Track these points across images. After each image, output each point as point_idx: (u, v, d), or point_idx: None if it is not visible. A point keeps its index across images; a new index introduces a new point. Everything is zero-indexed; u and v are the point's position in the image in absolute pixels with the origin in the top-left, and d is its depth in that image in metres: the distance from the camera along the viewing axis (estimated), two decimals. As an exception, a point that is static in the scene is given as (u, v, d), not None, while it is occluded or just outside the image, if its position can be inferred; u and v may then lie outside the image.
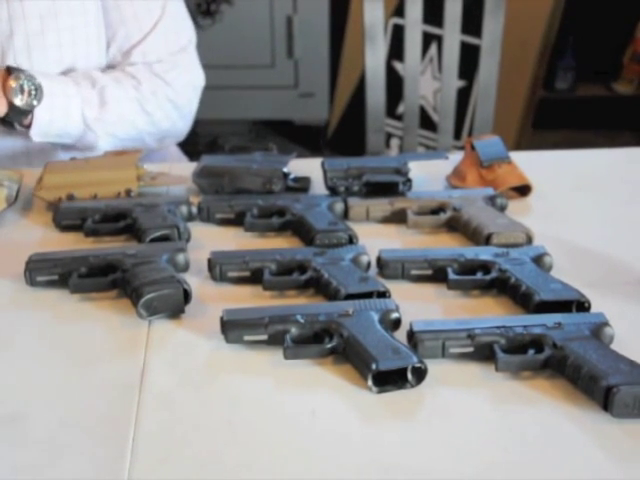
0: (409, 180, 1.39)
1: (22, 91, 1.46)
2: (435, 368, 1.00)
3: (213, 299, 1.16)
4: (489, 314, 1.12)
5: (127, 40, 1.65)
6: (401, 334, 1.06)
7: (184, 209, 1.35)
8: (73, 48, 1.59)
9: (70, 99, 1.54)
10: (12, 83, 1.45)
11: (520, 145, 3.25)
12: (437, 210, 1.34)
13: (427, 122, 3.02)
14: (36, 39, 1.54)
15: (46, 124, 1.53)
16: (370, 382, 0.98)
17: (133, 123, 1.65)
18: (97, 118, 1.59)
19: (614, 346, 1.02)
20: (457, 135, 2.88)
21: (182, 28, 1.73)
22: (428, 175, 1.47)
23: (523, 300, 1.13)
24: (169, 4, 1.70)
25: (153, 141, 1.71)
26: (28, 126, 1.52)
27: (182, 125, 1.74)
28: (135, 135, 1.67)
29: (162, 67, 1.67)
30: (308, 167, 1.48)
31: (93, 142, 1.62)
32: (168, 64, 1.68)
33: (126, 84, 1.62)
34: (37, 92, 1.48)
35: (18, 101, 1.46)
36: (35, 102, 1.48)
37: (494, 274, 1.17)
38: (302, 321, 1.06)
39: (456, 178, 1.46)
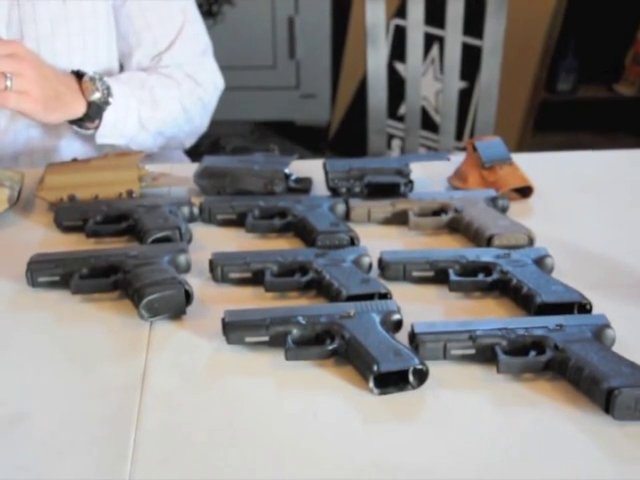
0: (410, 181, 1.39)
1: (97, 90, 1.48)
2: (436, 370, 1.00)
3: (214, 300, 1.16)
4: (490, 316, 1.13)
5: (154, 46, 1.67)
6: (402, 336, 1.06)
7: (186, 210, 1.35)
8: (82, 53, 1.60)
9: (128, 99, 1.56)
10: (89, 84, 1.48)
11: (522, 146, 3.26)
12: (438, 211, 1.34)
13: (429, 123, 3.03)
14: (46, 43, 1.54)
15: (112, 124, 1.54)
16: (371, 384, 0.98)
17: (176, 121, 1.68)
18: (151, 117, 1.61)
19: (615, 348, 1.02)
20: (459, 136, 2.88)
21: (201, 32, 1.76)
22: (429, 176, 1.47)
23: (524, 302, 1.13)
24: (188, 9, 1.73)
25: (186, 139, 1.76)
26: (96, 128, 1.54)
27: (206, 123, 1.79)
28: (176, 133, 1.71)
29: (192, 68, 1.70)
30: (310, 168, 1.48)
31: (144, 142, 1.64)
32: (197, 66, 1.72)
33: (168, 84, 1.64)
34: (108, 91, 1.50)
35: (96, 100, 1.48)
36: (110, 99, 1.51)
37: (495, 276, 1.17)
38: (303, 322, 1.06)
39: (457, 179, 1.46)
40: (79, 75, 1.50)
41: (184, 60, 1.69)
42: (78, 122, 1.52)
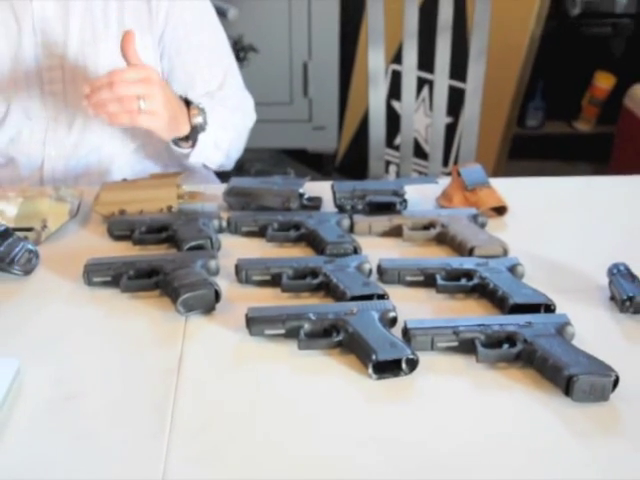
0: (405, 201, 1.39)
1: (200, 116, 1.47)
2: (425, 359, 1.00)
3: (239, 299, 1.16)
4: (471, 314, 1.12)
5: (206, 86, 1.63)
6: (397, 330, 1.06)
7: (216, 223, 1.35)
8: None
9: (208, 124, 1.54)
10: (196, 110, 1.47)
11: (497, 172, 3.24)
12: (428, 226, 1.34)
13: (420, 152, 3.01)
14: None
15: (202, 145, 1.53)
16: (370, 370, 0.99)
17: (235, 143, 1.67)
18: (222, 139, 1.59)
19: (575, 342, 1.03)
20: (445, 163, 2.89)
21: (238, 69, 1.74)
22: (421, 197, 1.47)
23: (499, 303, 1.13)
24: (229, 49, 1.72)
25: (234, 160, 1.72)
26: (191, 147, 1.53)
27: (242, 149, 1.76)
28: (234, 154, 1.69)
29: (238, 101, 1.69)
30: (320, 189, 1.48)
31: (218, 160, 1.63)
32: (241, 99, 1.71)
33: (227, 112, 1.61)
34: (205, 118, 1.49)
35: (197, 124, 1.48)
36: (206, 126, 1.49)
37: (476, 281, 1.17)
38: (314, 318, 1.06)
39: (444, 199, 1.46)
40: (186, 101, 1.48)
41: (232, 94, 1.67)
42: (176, 141, 1.51)
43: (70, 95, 1.56)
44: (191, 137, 1.50)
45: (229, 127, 1.61)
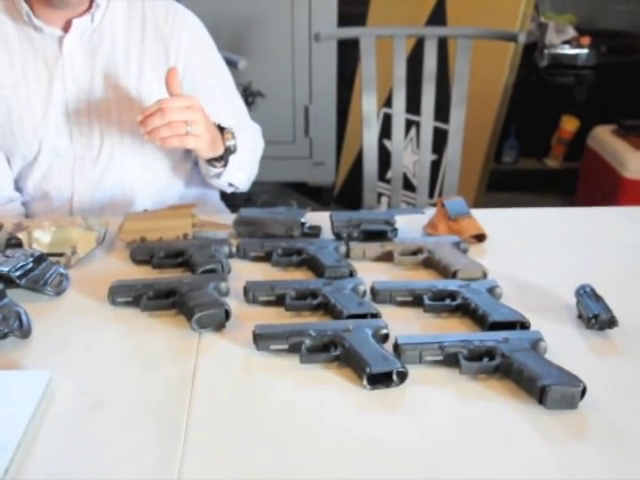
0: (395, 229, 1.39)
1: (232, 139, 1.49)
2: (414, 372, 1.00)
3: (247, 317, 1.15)
4: (455, 331, 1.12)
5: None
6: (389, 346, 1.05)
7: (226, 249, 1.35)
8: None
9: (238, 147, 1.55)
10: (229, 134, 1.49)
11: (477, 204, 3.24)
12: (416, 252, 1.34)
13: (408, 185, 3.03)
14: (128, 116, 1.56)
15: (231, 165, 1.54)
16: (365, 381, 0.98)
17: (254, 165, 1.68)
18: (245, 161, 1.60)
19: (547, 356, 1.03)
20: (431, 195, 2.89)
21: (245, 107, 1.76)
22: (409, 225, 1.46)
23: (480, 320, 1.13)
24: (236, 90, 1.73)
25: (251, 182, 1.71)
26: (223, 166, 1.54)
27: None
28: (251, 176, 1.69)
29: (251, 133, 1.70)
30: (319, 218, 1.47)
31: (241, 180, 1.64)
32: (253, 130, 1.72)
33: (247, 136, 1.62)
34: (236, 141, 1.50)
35: (230, 146, 1.49)
36: (237, 148, 1.51)
37: (459, 301, 1.16)
38: (314, 335, 1.05)
39: (430, 228, 1.45)
40: (219, 127, 1.49)
41: (247, 127, 1.69)
42: (211, 162, 1.52)
43: (95, 135, 1.56)
44: (224, 158, 1.52)
45: (249, 150, 1.63)
